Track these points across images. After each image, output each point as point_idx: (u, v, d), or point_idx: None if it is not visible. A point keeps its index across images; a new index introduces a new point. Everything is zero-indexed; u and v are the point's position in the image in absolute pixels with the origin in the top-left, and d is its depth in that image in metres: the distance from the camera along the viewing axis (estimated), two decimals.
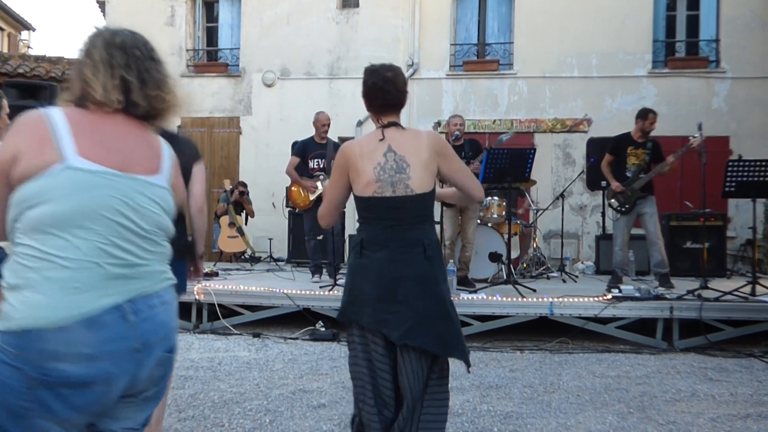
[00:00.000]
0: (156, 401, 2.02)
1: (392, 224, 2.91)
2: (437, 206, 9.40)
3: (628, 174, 7.76)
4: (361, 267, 2.95)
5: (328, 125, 8.29)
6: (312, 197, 8.10)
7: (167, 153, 2.10)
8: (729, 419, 4.43)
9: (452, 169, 3.05)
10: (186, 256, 3.71)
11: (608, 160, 7.99)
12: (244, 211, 11.78)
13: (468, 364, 2.95)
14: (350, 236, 10.61)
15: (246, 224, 11.75)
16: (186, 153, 3.75)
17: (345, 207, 3.33)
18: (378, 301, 2.86)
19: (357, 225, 3.10)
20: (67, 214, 1.78)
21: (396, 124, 3.04)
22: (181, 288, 3.75)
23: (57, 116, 1.85)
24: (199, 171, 3.80)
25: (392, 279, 2.86)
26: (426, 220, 2.98)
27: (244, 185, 11.89)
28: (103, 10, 14.48)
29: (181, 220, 3.69)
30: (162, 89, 2.02)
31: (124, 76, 1.94)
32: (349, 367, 3.05)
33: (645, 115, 7.80)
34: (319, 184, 8.06)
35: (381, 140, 2.97)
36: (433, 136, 3.05)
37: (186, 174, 3.66)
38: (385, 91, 3.02)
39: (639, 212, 7.74)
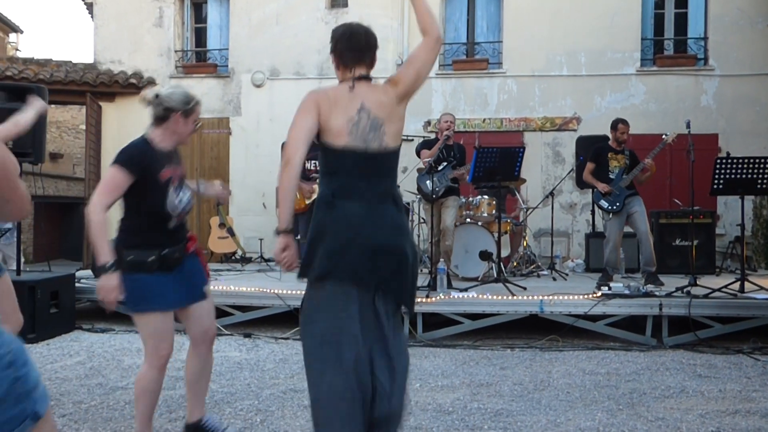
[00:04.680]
0: None
1: (365, 174, 2.89)
2: (416, 205, 9.44)
3: (612, 176, 7.87)
4: (335, 219, 2.85)
5: None
6: (307, 201, 8.08)
7: None
8: (718, 415, 4.45)
9: (410, 69, 3.03)
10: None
11: (590, 168, 8.11)
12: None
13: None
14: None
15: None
16: None
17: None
18: (360, 252, 2.81)
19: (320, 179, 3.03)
20: None
21: (366, 78, 3.01)
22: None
23: None
24: None
25: (371, 230, 2.83)
26: (394, 175, 3.04)
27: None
28: (90, 12, 14.40)
29: None
30: None
31: None
32: (307, 332, 2.90)
33: (615, 126, 8.11)
34: (316, 186, 8.01)
35: (351, 91, 2.93)
36: (388, 84, 3.02)
37: None
38: (358, 35, 3.00)
39: (629, 212, 7.80)
